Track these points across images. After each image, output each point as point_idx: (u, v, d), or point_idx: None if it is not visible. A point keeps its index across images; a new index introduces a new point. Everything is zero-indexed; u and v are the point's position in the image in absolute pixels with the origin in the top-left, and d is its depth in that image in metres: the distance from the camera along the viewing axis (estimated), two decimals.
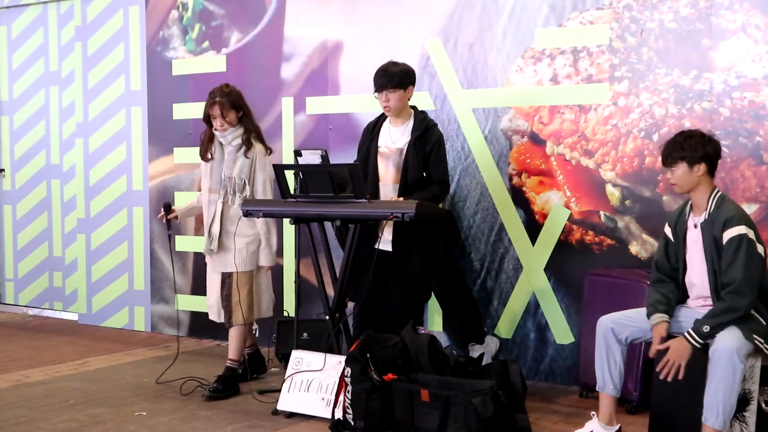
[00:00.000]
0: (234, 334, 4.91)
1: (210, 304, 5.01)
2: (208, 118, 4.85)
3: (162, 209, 5.02)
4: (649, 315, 3.82)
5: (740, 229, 3.61)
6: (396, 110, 4.57)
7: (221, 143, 4.86)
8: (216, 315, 4.96)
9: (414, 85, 4.61)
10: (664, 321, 3.77)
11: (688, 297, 3.90)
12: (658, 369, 3.68)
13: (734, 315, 3.58)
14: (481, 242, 5.27)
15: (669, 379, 3.64)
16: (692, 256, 3.82)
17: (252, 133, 4.86)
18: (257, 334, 5.47)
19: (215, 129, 4.83)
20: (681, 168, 3.72)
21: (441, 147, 4.58)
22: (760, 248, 3.65)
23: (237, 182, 4.81)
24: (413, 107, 4.67)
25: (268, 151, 4.92)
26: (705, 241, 3.72)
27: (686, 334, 3.64)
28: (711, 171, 3.74)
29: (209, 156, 4.88)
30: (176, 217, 5.01)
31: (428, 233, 4.57)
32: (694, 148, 3.70)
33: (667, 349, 3.66)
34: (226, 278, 4.84)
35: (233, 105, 4.81)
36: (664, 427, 3.91)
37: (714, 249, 3.68)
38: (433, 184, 4.55)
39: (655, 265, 3.98)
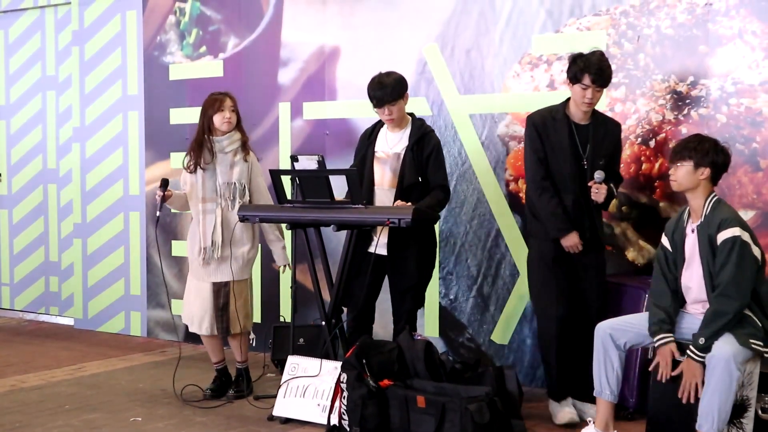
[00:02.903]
0: (236, 342, 4.91)
1: (192, 315, 4.84)
2: (205, 124, 4.78)
3: (160, 185, 4.75)
4: (653, 333, 3.80)
5: (734, 231, 3.62)
6: (398, 120, 4.57)
7: (213, 151, 4.77)
8: (198, 326, 4.81)
9: (407, 91, 4.60)
10: (671, 341, 3.75)
11: (685, 302, 3.90)
12: (679, 395, 3.68)
13: (723, 319, 3.58)
14: (478, 248, 5.27)
15: (692, 400, 3.64)
16: (690, 261, 3.82)
17: (247, 140, 4.86)
18: (254, 344, 5.46)
19: (222, 125, 4.74)
20: (686, 167, 3.76)
21: (439, 153, 4.58)
22: (756, 251, 3.65)
23: (237, 187, 4.78)
24: (410, 114, 4.67)
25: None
26: (701, 243, 3.73)
27: (689, 353, 3.65)
28: (713, 178, 3.78)
29: (202, 165, 4.77)
30: (171, 195, 4.80)
31: (424, 238, 4.56)
32: (705, 152, 3.74)
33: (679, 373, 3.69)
34: (222, 287, 4.77)
35: (236, 106, 4.86)
36: None
37: (710, 251, 3.69)
38: (435, 190, 4.53)
39: (654, 277, 3.97)
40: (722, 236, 3.64)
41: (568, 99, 4.40)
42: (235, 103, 4.85)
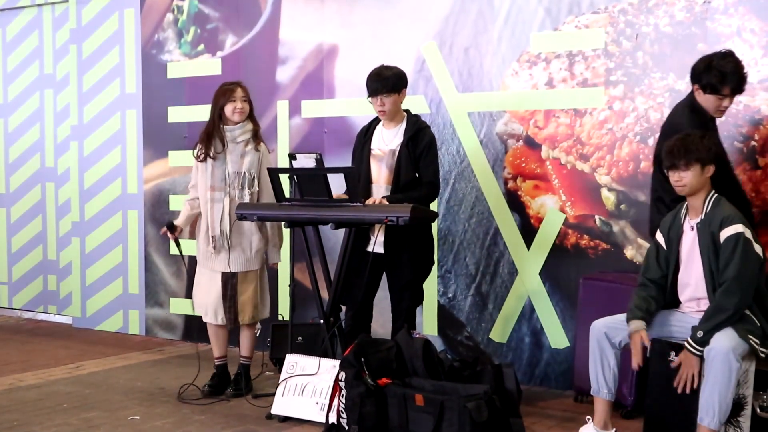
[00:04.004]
0: (245, 333, 4.92)
1: (204, 305, 4.88)
2: (216, 114, 4.78)
3: (166, 230, 4.85)
4: (627, 320, 3.83)
5: (737, 228, 3.61)
6: (390, 114, 4.57)
7: (224, 141, 4.79)
8: (213, 316, 4.86)
9: (406, 88, 4.60)
10: (642, 329, 3.75)
11: (679, 302, 3.89)
12: (675, 384, 3.68)
13: (724, 315, 3.57)
14: (476, 246, 5.26)
15: (687, 391, 3.64)
16: (687, 258, 3.80)
17: (258, 129, 4.87)
18: (258, 334, 5.46)
19: (233, 114, 4.75)
20: (695, 169, 3.68)
21: (432, 148, 4.56)
22: (757, 248, 3.64)
23: (247, 177, 4.78)
24: (406, 110, 4.67)
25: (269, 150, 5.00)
26: (702, 241, 3.71)
27: (687, 345, 3.65)
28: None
29: (212, 155, 4.79)
30: (181, 231, 4.89)
31: (420, 235, 4.56)
32: (707, 148, 3.69)
33: (679, 366, 3.68)
34: (230, 278, 4.80)
35: (248, 96, 4.86)
36: None
37: (712, 248, 3.67)
38: (421, 185, 4.54)
39: (642, 271, 3.97)
40: (725, 233, 3.63)
41: (691, 101, 4.07)
42: (247, 92, 4.85)
